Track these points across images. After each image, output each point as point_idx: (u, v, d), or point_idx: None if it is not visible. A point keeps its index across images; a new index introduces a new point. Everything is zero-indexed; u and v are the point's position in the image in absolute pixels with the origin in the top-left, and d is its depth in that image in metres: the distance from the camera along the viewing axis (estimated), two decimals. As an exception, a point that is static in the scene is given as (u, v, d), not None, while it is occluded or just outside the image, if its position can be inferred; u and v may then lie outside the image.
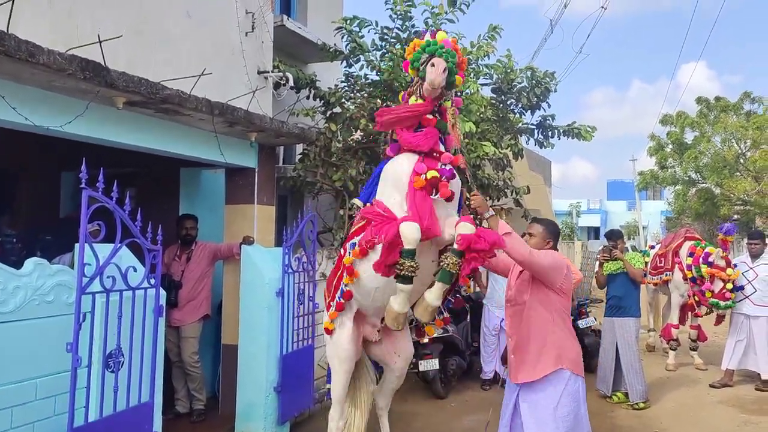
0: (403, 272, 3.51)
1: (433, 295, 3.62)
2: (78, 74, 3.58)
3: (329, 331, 4.38)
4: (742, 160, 22.18)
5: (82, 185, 3.22)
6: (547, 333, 3.77)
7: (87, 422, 3.38)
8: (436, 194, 3.69)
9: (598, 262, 7.08)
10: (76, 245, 3.34)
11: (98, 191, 3.31)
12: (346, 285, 4.07)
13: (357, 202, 4.16)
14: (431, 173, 3.67)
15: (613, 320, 6.75)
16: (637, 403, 6.51)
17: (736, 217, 21.48)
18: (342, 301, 4.15)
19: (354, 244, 3.97)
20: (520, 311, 3.87)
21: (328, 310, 4.42)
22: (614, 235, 6.93)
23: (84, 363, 3.37)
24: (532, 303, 3.81)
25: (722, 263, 7.59)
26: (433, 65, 3.63)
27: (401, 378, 4.66)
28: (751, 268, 7.51)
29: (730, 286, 7.46)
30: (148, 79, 4.14)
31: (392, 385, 4.66)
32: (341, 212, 7.18)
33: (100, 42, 3.90)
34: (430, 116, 3.81)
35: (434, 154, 3.80)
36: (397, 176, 3.82)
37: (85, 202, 3.24)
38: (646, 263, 8.94)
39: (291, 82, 6.86)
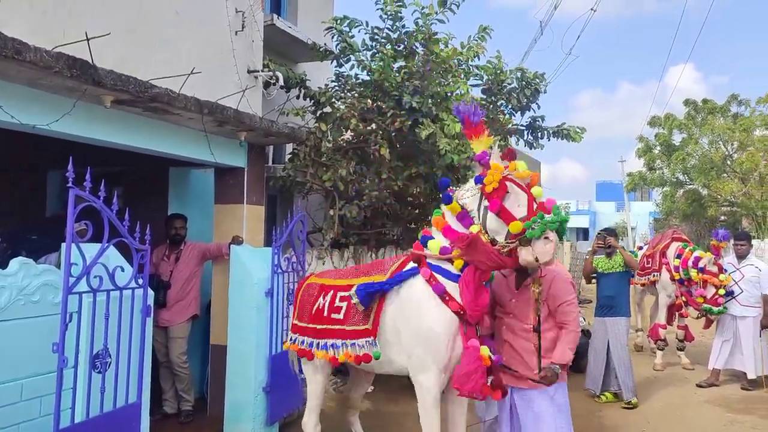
0: None
1: None
2: (65, 72, 3.55)
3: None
4: (728, 162, 22.38)
5: (69, 184, 3.19)
6: (550, 350, 3.76)
7: (73, 423, 3.34)
8: None
9: (590, 250, 7.15)
10: (63, 245, 3.31)
11: (85, 190, 3.28)
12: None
13: (354, 297, 3.65)
14: (486, 352, 3.38)
15: (604, 320, 6.81)
16: (630, 401, 6.57)
17: (723, 218, 21.69)
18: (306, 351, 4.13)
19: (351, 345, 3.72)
20: (521, 325, 3.81)
21: (293, 329, 4.31)
22: (608, 231, 7.06)
23: (70, 363, 3.34)
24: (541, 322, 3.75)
25: (714, 269, 7.62)
26: (548, 239, 3.22)
27: (370, 380, 4.74)
28: (737, 269, 7.57)
29: (722, 291, 7.51)
30: (137, 78, 4.11)
31: (362, 390, 4.69)
32: (331, 212, 7.16)
33: (88, 40, 3.87)
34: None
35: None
36: (431, 338, 3.44)
37: (72, 201, 3.21)
38: (635, 264, 9.00)
39: (281, 82, 6.84)
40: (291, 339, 4.33)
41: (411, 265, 3.65)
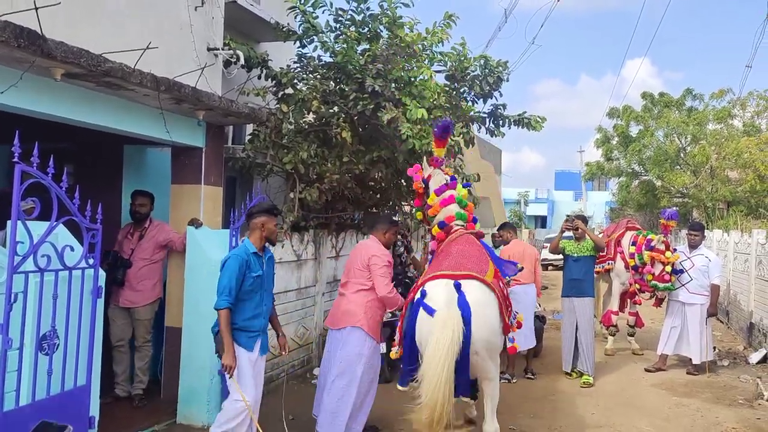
0: None
1: None
2: (12, 42, 3.39)
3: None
4: (682, 155, 22.98)
5: (15, 159, 3.07)
6: None
7: (18, 406, 3.25)
8: None
9: (560, 230, 7.49)
10: (8, 222, 3.19)
11: (33, 166, 3.16)
12: None
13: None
14: None
15: (572, 300, 7.16)
16: (588, 379, 6.96)
17: (675, 208, 22.29)
18: None
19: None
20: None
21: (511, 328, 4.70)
22: (578, 216, 7.53)
23: (15, 345, 3.23)
24: None
25: (662, 247, 7.93)
26: None
27: None
28: (688, 258, 7.83)
29: (669, 269, 7.82)
30: (89, 51, 3.95)
31: None
32: (291, 195, 7.08)
33: (36, 9, 3.70)
34: None
35: None
36: None
37: (18, 178, 3.09)
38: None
39: (242, 61, 6.70)
40: (510, 339, 4.72)
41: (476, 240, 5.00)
